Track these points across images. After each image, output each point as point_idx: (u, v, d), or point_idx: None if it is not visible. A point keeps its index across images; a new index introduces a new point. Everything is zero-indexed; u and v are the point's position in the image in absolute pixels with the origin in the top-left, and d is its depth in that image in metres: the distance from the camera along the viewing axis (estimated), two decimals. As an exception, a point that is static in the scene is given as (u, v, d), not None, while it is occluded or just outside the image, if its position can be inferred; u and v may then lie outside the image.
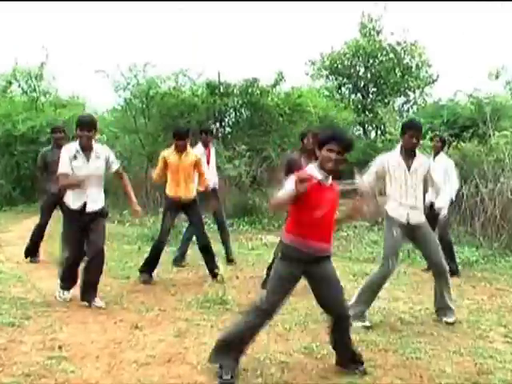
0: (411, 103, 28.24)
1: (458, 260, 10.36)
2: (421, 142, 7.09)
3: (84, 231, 7.21)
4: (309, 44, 45.11)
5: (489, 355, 5.87)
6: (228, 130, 18.41)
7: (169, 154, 8.72)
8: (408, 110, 27.97)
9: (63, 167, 7.07)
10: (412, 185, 6.82)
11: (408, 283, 9.08)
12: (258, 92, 17.41)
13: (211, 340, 6.02)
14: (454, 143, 15.05)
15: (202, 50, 36.36)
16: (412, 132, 6.82)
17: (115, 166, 7.36)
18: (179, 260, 9.85)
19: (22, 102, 20.56)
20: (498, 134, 13.23)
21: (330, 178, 5.03)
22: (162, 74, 18.45)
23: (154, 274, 8.62)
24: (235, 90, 17.49)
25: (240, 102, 17.55)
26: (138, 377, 5.07)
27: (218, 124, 17.60)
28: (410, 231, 6.87)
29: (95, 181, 7.14)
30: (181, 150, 8.61)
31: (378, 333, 6.50)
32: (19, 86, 21.53)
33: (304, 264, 4.96)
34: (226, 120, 18.32)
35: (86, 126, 7.02)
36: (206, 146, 10.42)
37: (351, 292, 7.84)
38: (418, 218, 6.86)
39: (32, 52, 34.66)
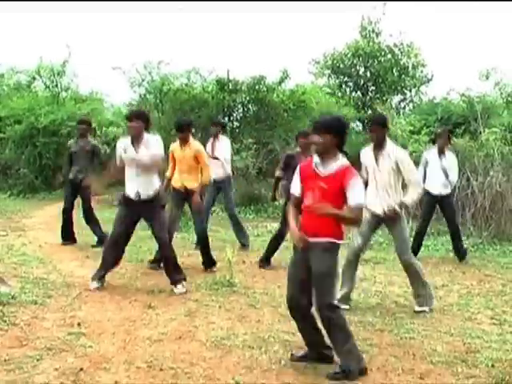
0: (408, 101, 28.09)
1: (448, 247, 10.39)
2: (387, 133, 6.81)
3: (136, 219, 7.31)
4: (312, 44, 44.89)
5: (476, 335, 5.90)
6: (236, 124, 18.34)
7: (174, 147, 8.60)
8: (404, 108, 27.82)
9: (117, 159, 7.34)
10: (382, 177, 6.58)
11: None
12: (265, 89, 17.35)
13: (219, 319, 6.09)
14: (448, 139, 14.97)
15: (213, 49, 36.25)
16: (371, 126, 6.76)
17: (158, 156, 7.21)
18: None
19: (44, 97, 20.54)
20: (488, 130, 13.18)
21: (331, 167, 4.75)
22: (174, 72, 18.42)
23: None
24: (243, 87, 17.43)
25: (247, 98, 17.48)
26: (151, 352, 5.11)
27: (226, 118, 17.54)
28: (386, 221, 6.73)
29: (146, 169, 7.05)
30: (182, 142, 8.45)
31: (375, 314, 6.53)
32: (43, 81, 21.50)
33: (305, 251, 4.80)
34: (235, 115, 18.25)
35: (133, 117, 7.03)
36: (214, 137, 10.44)
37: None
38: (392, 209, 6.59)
39: (55, 50, 34.64)
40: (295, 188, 4.99)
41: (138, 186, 7.07)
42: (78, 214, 10.27)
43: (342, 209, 4.76)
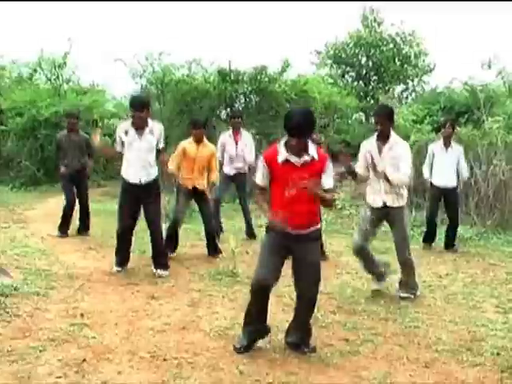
0: (410, 91, 28.06)
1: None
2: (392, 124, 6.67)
3: (138, 205, 7.40)
4: (314, 34, 44.79)
5: (481, 324, 5.90)
6: (238, 114, 18.31)
7: (187, 144, 8.56)
8: (407, 97, 27.81)
9: (116, 144, 7.38)
10: (384, 169, 6.45)
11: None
12: (267, 79, 17.28)
13: (223, 309, 6.07)
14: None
15: (214, 39, 36.18)
16: (375, 118, 6.63)
17: (161, 144, 7.37)
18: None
19: (46, 89, 20.45)
20: (491, 119, 13.15)
21: (308, 155, 4.76)
22: (176, 62, 18.36)
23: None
24: (245, 77, 17.36)
25: (249, 88, 17.41)
26: (155, 343, 5.10)
27: (228, 109, 17.49)
28: (385, 214, 6.61)
29: (147, 155, 7.21)
30: (198, 139, 8.48)
31: (379, 303, 6.52)
32: (44, 74, 21.38)
33: (286, 239, 4.81)
34: (236, 105, 18.17)
35: (137, 107, 7.05)
36: (235, 129, 10.23)
37: (354, 266, 7.87)
38: (393, 202, 6.54)
39: (56, 42, 34.58)
40: (262, 179, 4.95)
41: (139, 170, 7.20)
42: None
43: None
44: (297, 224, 4.76)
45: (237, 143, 10.15)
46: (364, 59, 27.27)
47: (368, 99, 26.47)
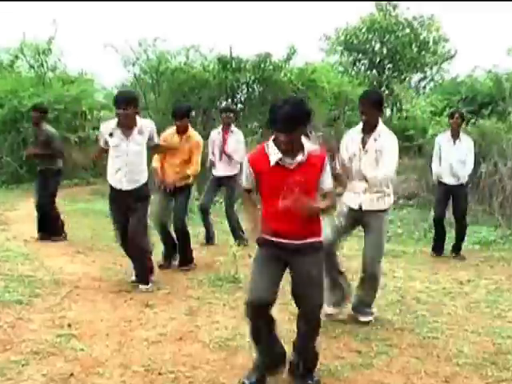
0: (428, 80, 28.09)
1: (475, 239, 10.37)
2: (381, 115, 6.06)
3: (127, 211, 7.06)
4: (323, 19, 44.76)
5: (507, 335, 5.88)
6: (240, 106, 18.32)
7: (168, 135, 8.24)
8: (425, 87, 27.86)
9: (100, 143, 7.16)
10: (366, 166, 5.93)
11: (424, 262, 9.08)
12: (271, 67, 17.34)
13: (223, 318, 6.08)
14: (473, 120, 14.94)
15: (214, 24, 36.20)
16: (361, 106, 6.02)
17: (156, 140, 7.22)
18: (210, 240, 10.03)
19: (28, 78, 20.50)
20: (518, 110, 13.16)
21: (301, 156, 4.31)
22: (172, 49, 18.40)
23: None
24: (247, 66, 17.42)
25: (252, 77, 17.47)
26: (149, 355, 5.10)
27: (229, 100, 17.53)
28: (361, 217, 6.08)
29: (136, 158, 6.96)
30: (180, 131, 8.18)
31: (394, 312, 6.52)
32: (26, 61, 21.42)
33: (281, 252, 4.45)
34: (238, 96, 18.23)
35: (122, 104, 6.74)
36: (226, 126, 9.93)
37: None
38: (371, 204, 5.99)
39: (40, 26, 34.56)
40: (247, 181, 4.56)
41: (126, 174, 6.94)
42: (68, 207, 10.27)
43: (315, 197, 4.48)
44: (293, 235, 4.41)
45: (225, 141, 9.87)
46: (378, 45, 27.27)
47: (382, 89, 26.47)
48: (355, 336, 5.73)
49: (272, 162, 4.32)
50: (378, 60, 27.40)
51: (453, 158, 9.33)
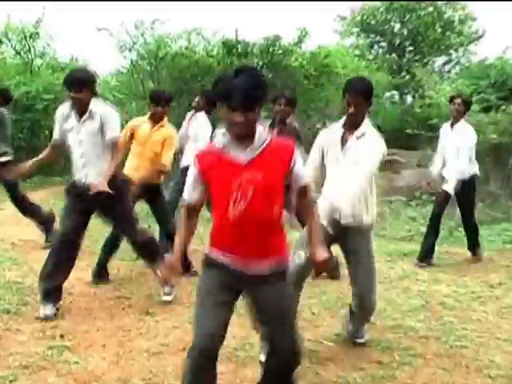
0: (453, 63, 28.06)
1: (506, 238, 10.34)
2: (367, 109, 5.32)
3: (87, 213, 6.56)
4: (337, -3, 44.77)
5: (544, 344, 5.85)
6: (247, 94, 18.34)
7: (137, 123, 7.89)
8: (449, 71, 27.81)
9: (56, 132, 6.62)
10: (346, 168, 5.15)
11: (451, 264, 9.06)
12: (280, 51, 17.35)
13: (231, 327, 5.94)
14: (503, 107, 14.89)
15: (217, 4, 36.18)
16: (348, 96, 5.24)
17: (112, 133, 6.41)
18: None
19: (14, 65, 20.52)
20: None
21: (258, 146, 3.60)
22: (172, 33, 18.41)
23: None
24: (254, 50, 17.43)
25: (260, 62, 17.48)
26: (150, 367, 5.10)
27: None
28: (340, 234, 5.24)
29: (93, 148, 6.39)
30: (156, 120, 7.83)
31: (418, 318, 6.49)
32: (11, 46, 21.42)
33: (234, 280, 3.77)
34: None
35: (72, 86, 6.22)
36: (207, 113, 9.19)
37: (387, 274, 7.86)
38: (351, 216, 5.12)
39: (26, 7, 34.61)
40: (191, 192, 3.82)
41: (83, 169, 6.42)
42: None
43: (280, 201, 3.69)
44: (250, 258, 3.70)
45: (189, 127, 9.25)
46: (397, 26, 27.27)
47: (402, 74, 26.44)
48: (376, 345, 5.72)
49: (216, 157, 3.64)
50: (397, 42, 27.39)
51: (447, 150, 9.05)
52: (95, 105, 6.37)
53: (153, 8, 35.80)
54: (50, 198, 11.02)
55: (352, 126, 5.25)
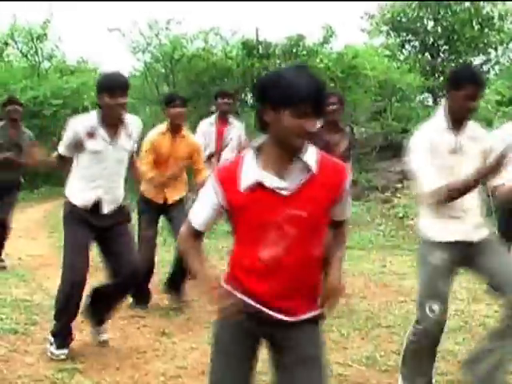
0: (492, 63, 27.94)
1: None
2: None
3: (95, 241, 6.14)
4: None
5: None
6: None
7: (158, 137, 7.36)
8: (488, 71, 27.67)
9: (61, 147, 5.86)
10: (462, 174, 4.50)
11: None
12: (305, 52, 17.41)
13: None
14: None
15: (236, 3, 36.32)
16: (469, 88, 4.50)
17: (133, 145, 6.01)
18: None
19: (21, 68, 20.72)
20: None
21: (306, 169, 2.97)
22: (188, 33, 18.50)
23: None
24: (277, 51, 17.49)
25: (282, 64, 17.50)
26: (167, 392, 5.12)
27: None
28: (472, 250, 4.99)
29: (118, 168, 5.86)
30: (175, 130, 7.32)
31: (456, 341, 6.46)
32: (18, 48, 21.62)
33: (259, 325, 3.16)
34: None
35: (122, 90, 5.47)
36: (221, 115, 8.88)
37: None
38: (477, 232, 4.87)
39: (33, 7, 34.93)
40: (202, 217, 3.19)
41: (102, 191, 5.78)
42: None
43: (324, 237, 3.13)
44: (284, 308, 3.10)
45: (221, 135, 8.88)
46: (431, 23, 27.17)
47: (436, 75, 26.36)
48: (410, 369, 5.70)
49: (243, 185, 2.97)
50: (431, 41, 27.30)
51: None
52: (128, 116, 5.84)
53: (167, 8, 35.93)
54: (58, 211, 10.98)
55: (462, 123, 4.72)
